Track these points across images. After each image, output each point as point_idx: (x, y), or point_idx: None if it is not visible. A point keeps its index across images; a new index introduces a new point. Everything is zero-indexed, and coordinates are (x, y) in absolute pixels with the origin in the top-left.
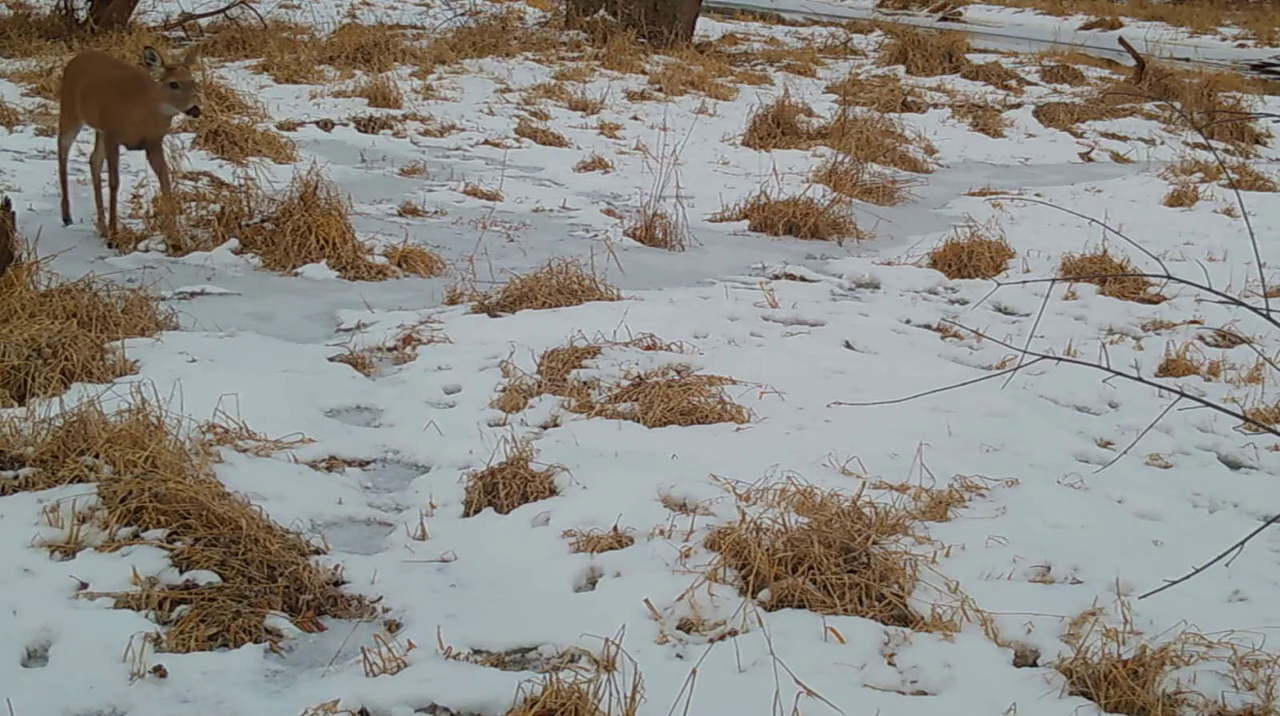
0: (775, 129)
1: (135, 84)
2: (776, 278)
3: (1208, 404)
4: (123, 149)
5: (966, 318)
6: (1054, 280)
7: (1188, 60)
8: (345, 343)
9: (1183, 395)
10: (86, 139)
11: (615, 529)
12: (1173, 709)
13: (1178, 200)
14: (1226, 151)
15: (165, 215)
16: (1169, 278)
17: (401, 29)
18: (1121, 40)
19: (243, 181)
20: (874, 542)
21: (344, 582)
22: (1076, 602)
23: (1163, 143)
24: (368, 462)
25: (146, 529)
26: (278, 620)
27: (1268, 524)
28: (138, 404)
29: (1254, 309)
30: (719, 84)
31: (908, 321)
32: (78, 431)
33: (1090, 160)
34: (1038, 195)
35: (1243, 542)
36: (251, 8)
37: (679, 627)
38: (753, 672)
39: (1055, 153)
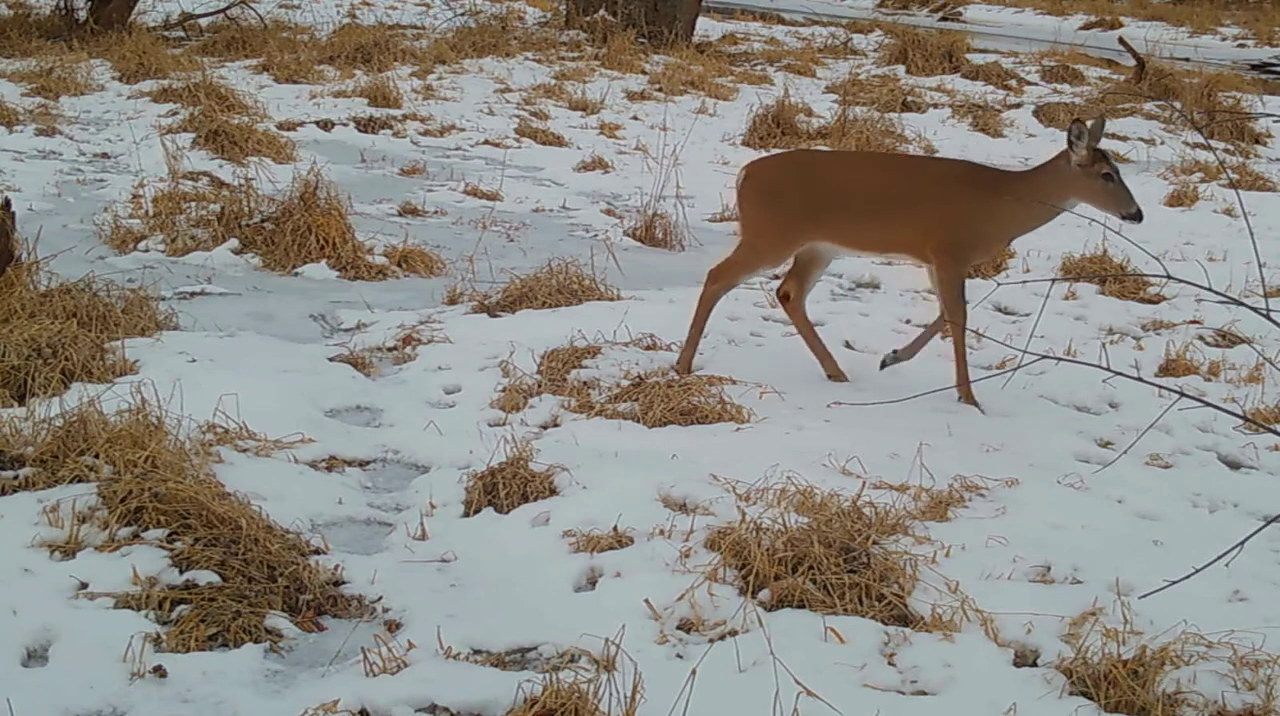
0: (775, 129)
1: (974, 177)
2: (776, 278)
3: (1208, 404)
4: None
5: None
6: (1054, 280)
7: (1188, 60)
8: (345, 343)
9: (1183, 395)
10: None
11: (615, 529)
12: (1173, 709)
13: (1178, 200)
14: (1226, 151)
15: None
16: (1169, 278)
17: (401, 29)
18: (1121, 40)
19: (243, 181)
20: (874, 542)
21: (344, 582)
22: (1076, 602)
23: (1163, 143)
24: (368, 462)
25: (146, 529)
26: (278, 620)
27: (1268, 524)
28: (138, 404)
29: (1254, 309)
30: (719, 84)
31: (908, 321)
32: (78, 431)
33: None
34: None
35: (1243, 542)
36: (251, 8)
37: (679, 627)
38: (753, 672)
39: (1055, 152)
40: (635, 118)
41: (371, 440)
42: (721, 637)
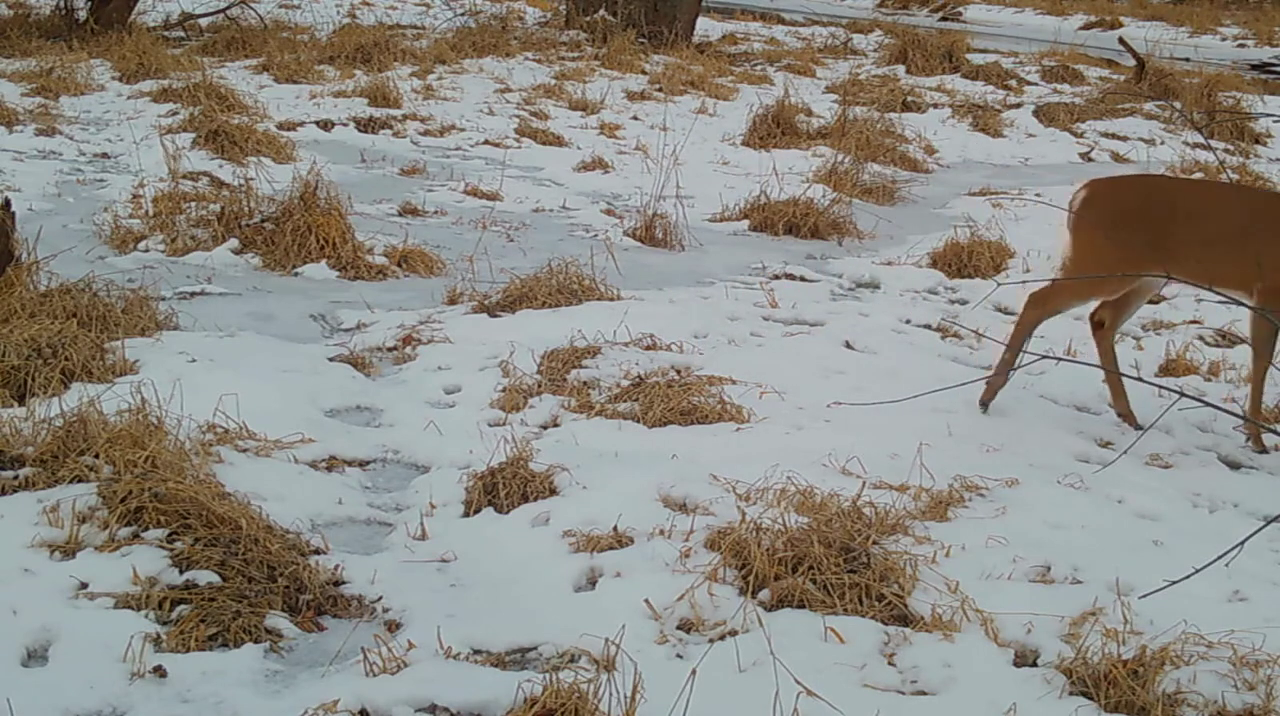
0: (775, 129)
1: None
2: (776, 277)
3: (1208, 404)
4: None
5: (966, 317)
6: (1054, 280)
7: (1188, 60)
8: (345, 343)
9: (1183, 395)
10: None
11: (615, 529)
12: (1173, 709)
13: None
14: (1226, 151)
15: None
16: (1169, 278)
17: (401, 29)
18: (1121, 40)
19: (243, 181)
20: (874, 542)
21: (344, 582)
22: (1076, 602)
23: (1163, 143)
24: (368, 462)
25: (146, 529)
26: (278, 620)
27: (1268, 524)
28: (138, 404)
29: (1254, 309)
30: (719, 84)
31: (908, 321)
32: (78, 431)
33: (1090, 160)
34: (1038, 195)
35: (1243, 542)
36: (251, 8)
37: (679, 627)
38: (753, 672)
39: (1055, 153)
40: (635, 118)
41: (371, 440)
42: (721, 637)
